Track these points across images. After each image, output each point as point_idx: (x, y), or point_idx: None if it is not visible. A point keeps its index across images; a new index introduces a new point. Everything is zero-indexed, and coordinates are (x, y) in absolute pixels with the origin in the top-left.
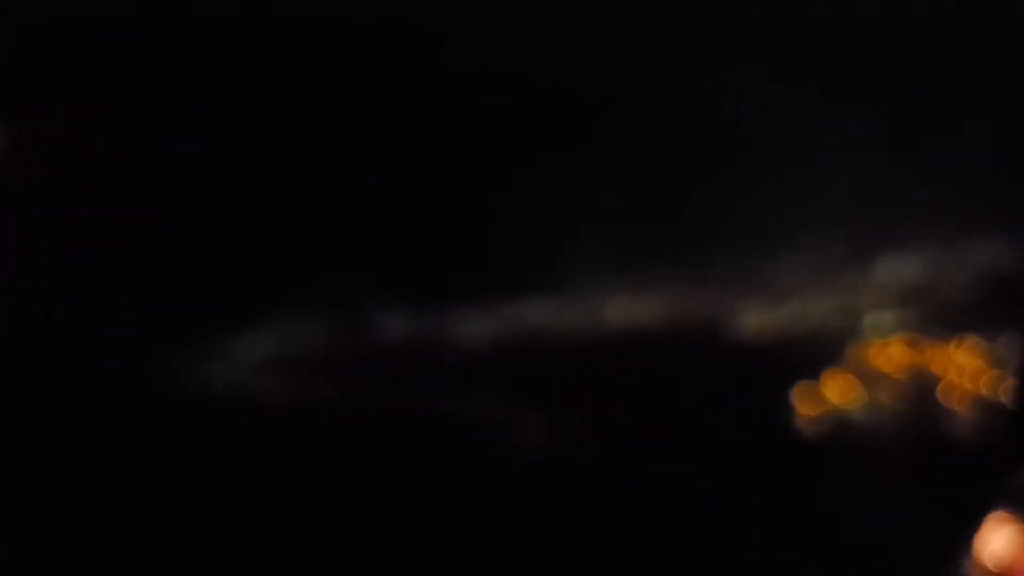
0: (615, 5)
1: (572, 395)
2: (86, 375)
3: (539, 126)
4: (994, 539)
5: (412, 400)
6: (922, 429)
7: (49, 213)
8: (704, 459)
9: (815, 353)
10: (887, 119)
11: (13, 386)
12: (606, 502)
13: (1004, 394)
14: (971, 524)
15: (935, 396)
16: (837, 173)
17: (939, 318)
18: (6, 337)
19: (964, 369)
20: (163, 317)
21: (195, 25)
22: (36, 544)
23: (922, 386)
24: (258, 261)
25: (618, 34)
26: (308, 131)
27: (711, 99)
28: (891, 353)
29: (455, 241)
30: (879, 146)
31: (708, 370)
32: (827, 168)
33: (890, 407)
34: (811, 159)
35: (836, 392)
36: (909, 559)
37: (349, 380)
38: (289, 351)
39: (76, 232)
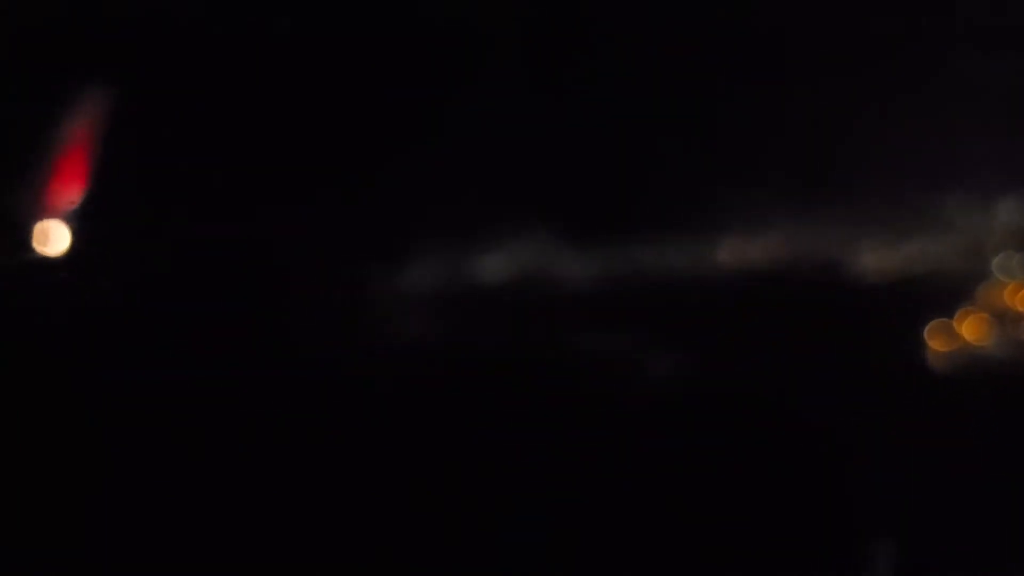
0: None
1: (696, 335)
2: (241, 310)
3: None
4: None
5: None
6: None
7: (191, 149)
8: (832, 396)
9: (947, 293)
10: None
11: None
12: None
13: None
14: None
15: None
16: (969, 116)
17: None
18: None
19: None
20: (312, 252)
21: None
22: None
23: None
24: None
25: None
26: (459, 76)
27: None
28: None
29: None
30: (1009, 89)
31: (838, 308)
32: (960, 111)
33: None
34: (942, 102)
35: (970, 330)
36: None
37: (479, 317)
38: (420, 289)
39: (230, 167)
